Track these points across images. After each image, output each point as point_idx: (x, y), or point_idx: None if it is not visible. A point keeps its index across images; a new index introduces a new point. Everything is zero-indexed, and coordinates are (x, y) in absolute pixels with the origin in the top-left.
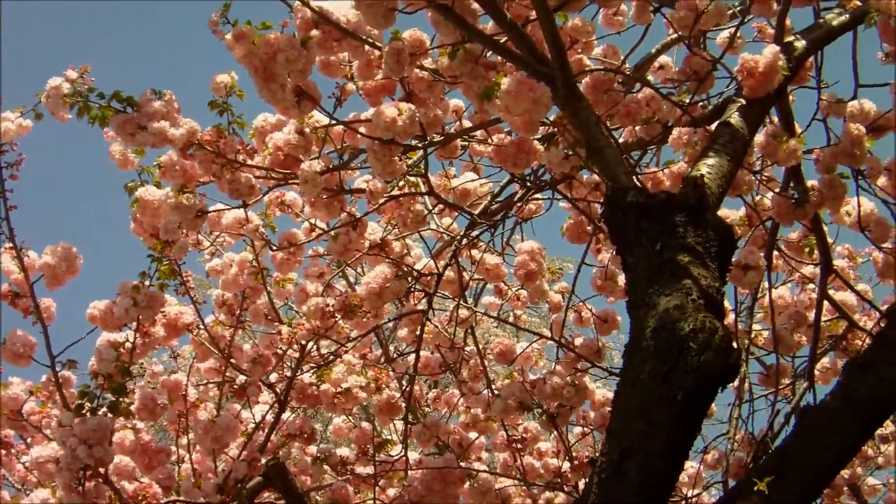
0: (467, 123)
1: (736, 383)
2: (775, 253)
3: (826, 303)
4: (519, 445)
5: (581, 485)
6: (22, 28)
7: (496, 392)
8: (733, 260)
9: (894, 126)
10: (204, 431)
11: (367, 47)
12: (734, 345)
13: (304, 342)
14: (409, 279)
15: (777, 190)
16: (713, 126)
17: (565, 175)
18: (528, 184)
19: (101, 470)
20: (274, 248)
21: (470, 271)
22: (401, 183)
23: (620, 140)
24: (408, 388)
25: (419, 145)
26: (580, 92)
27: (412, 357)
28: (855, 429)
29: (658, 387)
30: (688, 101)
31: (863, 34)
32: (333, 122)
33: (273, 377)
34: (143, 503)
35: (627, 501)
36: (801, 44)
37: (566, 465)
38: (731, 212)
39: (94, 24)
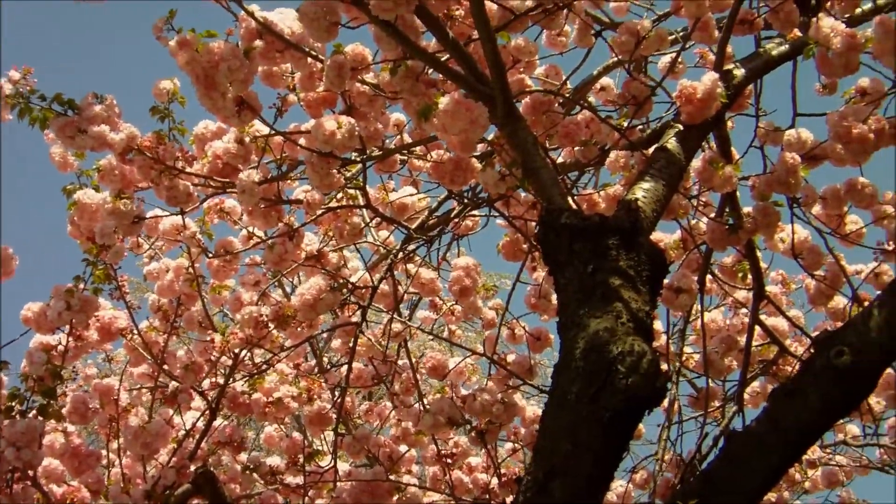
0: (408, 138)
1: (666, 405)
2: (709, 277)
3: (757, 328)
4: (449, 460)
5: (509, 501)
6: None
7: (427, 406)
8: (666, 282)
9: (830, 156)
10: (134, 437)
11: (309, 59)
12: (662, 368)
13: (237, 350)
14: (344, 291)
15: (712, 215)
16: (650, 150)
17: (501, 194)
18: (466, 200)
19: (30, 472)
20: (210, 255)
21: (405, 285)
22: (339, 195)
23: (559, 160)
24: (339, 400)
25: (358, 159)
26: (519, 112)
27: (345, 368)
28: (781, 454)
29: (585, 408)
30: (626, 124)
31: (802, 65)
32: (273, 132)
33: (205, 384)
34: None
35: None
36: (740, 72)
37: (495, 481)
38: (666, 235)
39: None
